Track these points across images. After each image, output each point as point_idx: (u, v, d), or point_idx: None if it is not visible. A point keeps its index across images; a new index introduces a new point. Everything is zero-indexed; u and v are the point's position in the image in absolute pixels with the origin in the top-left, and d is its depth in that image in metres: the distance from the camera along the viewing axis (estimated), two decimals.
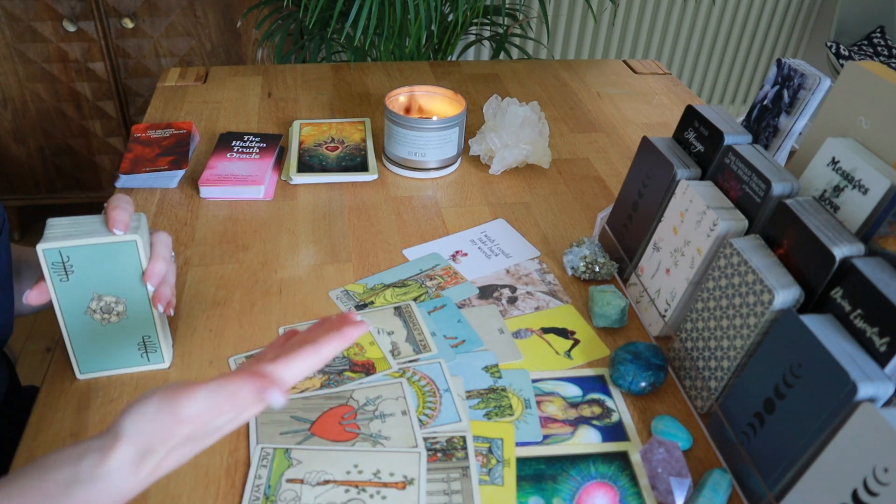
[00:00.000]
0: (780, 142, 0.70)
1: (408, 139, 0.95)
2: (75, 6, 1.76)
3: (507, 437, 0.61)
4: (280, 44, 1.57)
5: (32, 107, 1.88)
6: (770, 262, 0.59)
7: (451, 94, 1.01)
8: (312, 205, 0.91)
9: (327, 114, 1.12)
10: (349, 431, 0.60)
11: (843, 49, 2.16)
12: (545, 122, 0.99)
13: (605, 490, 0.57)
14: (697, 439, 0.62)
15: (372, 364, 0.67)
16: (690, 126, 0.75)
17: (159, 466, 0.45)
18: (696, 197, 0.67)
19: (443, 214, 0.90)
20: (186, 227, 0.85)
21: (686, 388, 0.66)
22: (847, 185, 0.58)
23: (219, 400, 0.45)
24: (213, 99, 1.15)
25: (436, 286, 0.78)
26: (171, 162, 0.92)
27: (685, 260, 0.68)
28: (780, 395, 0.54)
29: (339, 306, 0.74)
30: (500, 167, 0.98)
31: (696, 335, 0.65)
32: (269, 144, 0.99)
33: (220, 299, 0.74)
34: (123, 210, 0.58)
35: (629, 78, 1.31)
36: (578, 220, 0.91)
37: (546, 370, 0.68)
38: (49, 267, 0.57)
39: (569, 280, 0.80)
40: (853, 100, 0.62)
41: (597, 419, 0.63)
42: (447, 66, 1.33)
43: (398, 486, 0.56)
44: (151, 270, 0.60)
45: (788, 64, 0.70)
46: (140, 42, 1.85)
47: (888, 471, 0.44)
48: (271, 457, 0.58)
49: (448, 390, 0.65)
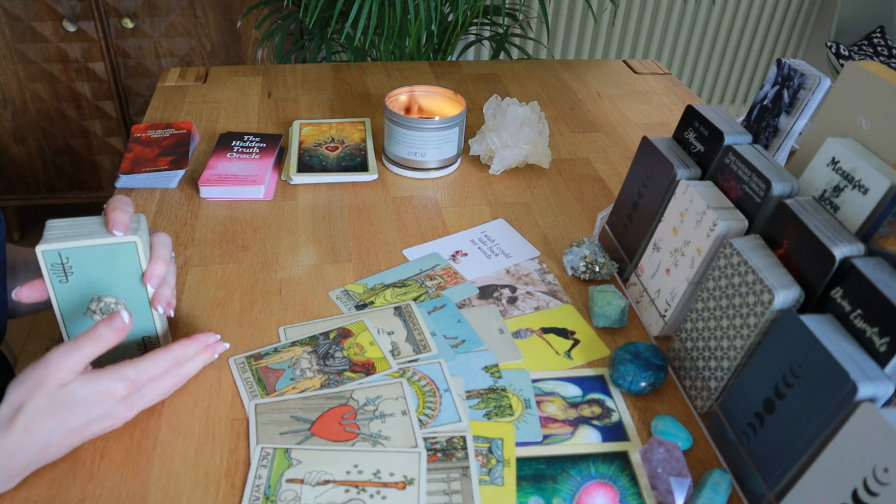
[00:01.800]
0: (780, 142, 0.70)
1: (408, 139, 0.95)
2: (75, 6, 1.76)
3: (507, 437, 0.61)
4: (280, 44, 1.57)
5: (32, 107, 1.88)
6: (770, 262, 0.59)
7: (451, 94, 1.01)
8: (312, 205, 0.91)
9: (327, 114, 1.12)
10: (349, 431, 0.60)
11: (843, 49, 2.16)
12: (545, 122, 0.99)
13: (605, 490, 0.57)
14: (697, 439, 0.62)
15: (372, 364, 0.67)
16: (690, 126, 0.75)
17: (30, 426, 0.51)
18: (696, 197, 0.67)
19: (443, 214, 0.90)
20: (186, 227, 0.85)
21: (686, 388, 0.66)
22: (847, 185, 0.58)
23: (79, 339, 0.54)
24: (213, 99, 1.15)
25: (436, 286, 0.78)
26: (171, 162, 0.92)
27: (685, 260, 0.68)
28: (780, 395, 0.54)
29: (339, 306, 0.74)
30: (500, 167, 0.98)
31: (696, 335, 0.65)
32: (269, 144, 0.99)
33: (220, 299, 0.74)
34: (123, 211, 0.58)
35: (629, 78, 1.31)
36: (578, 220, 0.91)
37: (546, 370, 0.68)
38: (48, 268, 0.57)
39: (569, 280, 0.80)
40: (853, 100, 0.62)
41: (597, 419, 0.63)
42: (447, 66, 1.33)
43: (398, 486, 0.56)
44: (151, 271, 0.60)
45: (788, 64, 0.70)
46: (140, 42, 1.85)
47: (888, 471, 0.44)
48: (271, 457, 0.58)
49: (448, 390, 0.65)
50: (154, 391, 0.59)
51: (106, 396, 0.55)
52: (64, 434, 0.53)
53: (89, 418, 0.54)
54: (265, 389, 0.64)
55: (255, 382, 0.65)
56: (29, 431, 0.52)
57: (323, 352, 0.68)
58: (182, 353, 0.60)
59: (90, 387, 0.54)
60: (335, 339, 0.69)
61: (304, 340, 0.69)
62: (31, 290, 0.59)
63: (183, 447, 0.59)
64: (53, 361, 0.52)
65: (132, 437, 0.59)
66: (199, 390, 0.64)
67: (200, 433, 0.60)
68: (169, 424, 0.61)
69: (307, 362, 0.67)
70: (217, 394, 0.64)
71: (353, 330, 0.71)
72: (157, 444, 0.59)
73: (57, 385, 0.52)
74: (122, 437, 0.59)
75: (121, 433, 0.59)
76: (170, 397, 0.63)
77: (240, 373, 0.66)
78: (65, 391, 0.53)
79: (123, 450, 0.58)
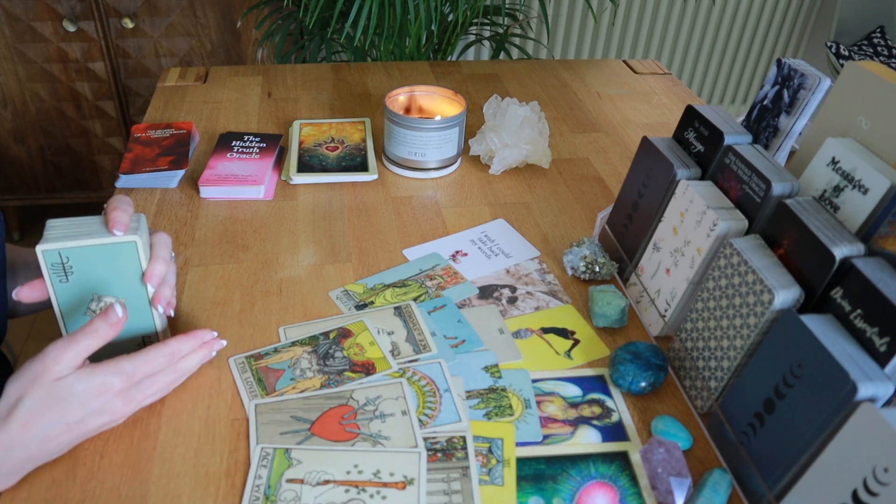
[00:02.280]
0: (780, 142, 0.70)
1: (408, 139, 0.95)
2: (75, 6, 1.76)
3: (507, 437, 0.61)
4: (280, 44, 1.57)
5: (32, 107, 1.88)
6: (770, 262, 0.59)
7: (451, 94, 1.01)
8: (312, 205, 0.91)
9: (327, 114, 1.12)
10: (349, 431, 0.60)
11: (843, 49, 2.16)
12: (545, 122, 0.99)
13: (605, 490, 0.57)
14: (697, 439, 0.62)
15: (372, 364, 0.67)
16: (690, 126, 0.75)
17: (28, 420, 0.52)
18: (696, 197, 0.67)
19: (443, 214, 0.90)
20: (186, 227, 0.85)
21: (686, 388, 0.66)
22: (847, 185, 0.58)
23: (76, 334, 0.54)
24: (213, 99, 1.15)
25: (436, 286, 0.78)
26: (171, 162, 0.92)
27: (685, 260, 0.68)
28: (780, 395, 0.54)
29: (339, 306, 0.74)
30: (500, 167, 0.98)
31: (696, 335, 0.65)
32: (269, 144, 0.99)
33: (220, 299, 0.74)
34: (123, 211, 0.58)
35: (629, 78, 1.31)
36: (578, 220, 0.91)
37: (546, 370, 0.68)
38: (49, 268, 0.57)
39: (569, 280, 0.80)
40: (853, 100, 0.62)
41: (597, 419, 0.63)
42: (447, 66, 1.33)
43: (398, 486, 0.56)
44: (151, 271, 0.60)
45: (788, 64, 0.70)
46: (140, 42, 1.85)
47: (888, 471, 0.44)
48: (271, 457, 0.58)
49: (448, 390, 0.65)
50: (152, 387, 0.59)
51: (103, 390, 0.55)
52: (62, 428, 0.53)
53: (87, 412, 0.54)
54: (265, 389, 0.64)
55: (255, 382, 0.65)
56: (27, 425, 0.52)
57: (323, 352, 0.68)
58: (178, 348, 0.60)
59: (87, 380, 0.54)
60: (335, 339, 0.69)
61: (304, 340, 0.69)
62: (31, 289, 0.59)
63: (183, 447, 0.59)
64: (50, 356, 0.53)
65: (132, 437, 0.59)
66: (199, 390, 0.64)
67: (200, 433, 0.60)
68: (169, 424, 0.61)
69: (307, 362, 0.67)
70: (217, 394, 0.64)
71: (353, 330, 0.71)
72: (157, 444, 0.59)
73: (54, 378, 0.53)
74: (122, 437, 0.59)
75: (121, 433, 0.59)
76: (170, 397, 0.63)
77: (240, 373, 0.66)
78: (61, 384, 0.53)
79: (123, 450, 0.58)
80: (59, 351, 0.53)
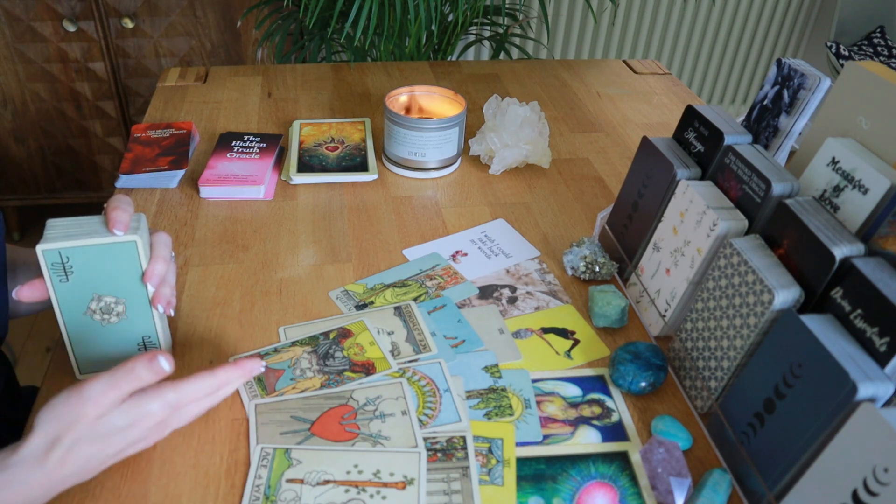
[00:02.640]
0: (780, 142, 0.70)
1: (408, 139, 0.95)
2: (75, 6, 1.76)
3: (507, 437, 0.61)
4: (280, 44, 1.57)
5: (32, 107, 1.88)
6: (770, 262, 0.59)
7: (451, 94, 1.01)
8: (312, 205, 0.91)
9: (327, 114, 1.13)
10: (349, 431, 0.60)
11: (843, 49, 2.16)
12: (545, 122, 0.99)
13: (605, 490, 0.57)
14: (697, 439, 0.62)
15: (372, 364, 0.67)
16: (690, 126, 0.75)
17: (66, 457, 0.50)
18: (696, 197, 0.67)
19: (443, 214, 0.90)
20: (186, 227, 0.85)
21: (686, 388, 0.66)
22: (847, 185, 0.58)
23: (117, 376, 0.51)
24: (213, 99, 1.15)
25: (436, 286, 0.78)
26: (171, 162, 0.93)
27: (685, 260, 0.68)
28: (780, 395, 0.54)
29: (339, 306, 0.74)
30: (500, 167, 0.98)
31: (696, 335, 0.65)
32: (269, 144, 0.99)
33: (220, 299, 0.74)
34: (123, 210, 0.58)
35: (629, 78, 1.31)
36: (578, 220, 0.91)
37: (546, 370, 0.68)
38: (49, 268, 0.57)
39: (569, 280, 0.80)
40: (853, 100, 0.62)
41: (597, 419, 0.63)
42: (447, 66, 1.33)
43: (398, 486, 0.56)
44: (151, 271, 0.60)
45: (788, 64, 0.70)
46: (140, 42, 1.85)
47: (888, 471, 0.44)
48: (271, 457, 0.58)
49: (448, 390, 0.65)
50: (190, 412, 0.56)
51: (145, 421, 0.53)
52: (100, 460, 0.52)
53: (127, 443, 0.53)
54: (265, 389, 0.64)
55: (255, 382, 0.65)
56: (65, 463, 0.50)
57: (323, 352, 0.68)
58: (226, 379, 0.57)
59: (130, 414, 0.52)
60: (335, 339, 0.69)
61: (304, 340, 0.69)
62: (31, 289, 0.59)
63: (183, 447, 0.59)
64: (91, 398, 0.50)
65: None
66: None
67: (200, 433, 0.60)
68: None
69: (307, 362, 0.67)
70: None
71: (353, 330, 0.71)
72: (157, 444, 0.59)
73: (95, 418, 0.51)
74: None
75: None
76: None
77: None
78: (103, 422, 0.51)
79: None
80: (100, 394, 0.51)
